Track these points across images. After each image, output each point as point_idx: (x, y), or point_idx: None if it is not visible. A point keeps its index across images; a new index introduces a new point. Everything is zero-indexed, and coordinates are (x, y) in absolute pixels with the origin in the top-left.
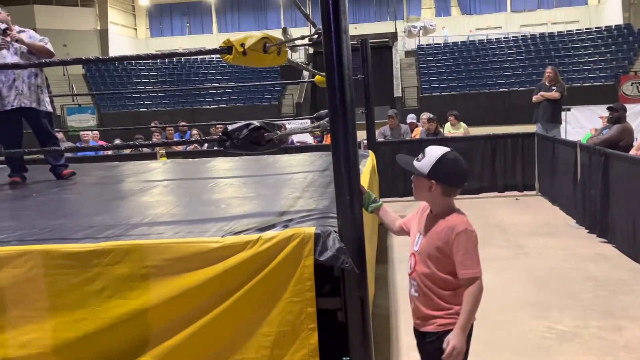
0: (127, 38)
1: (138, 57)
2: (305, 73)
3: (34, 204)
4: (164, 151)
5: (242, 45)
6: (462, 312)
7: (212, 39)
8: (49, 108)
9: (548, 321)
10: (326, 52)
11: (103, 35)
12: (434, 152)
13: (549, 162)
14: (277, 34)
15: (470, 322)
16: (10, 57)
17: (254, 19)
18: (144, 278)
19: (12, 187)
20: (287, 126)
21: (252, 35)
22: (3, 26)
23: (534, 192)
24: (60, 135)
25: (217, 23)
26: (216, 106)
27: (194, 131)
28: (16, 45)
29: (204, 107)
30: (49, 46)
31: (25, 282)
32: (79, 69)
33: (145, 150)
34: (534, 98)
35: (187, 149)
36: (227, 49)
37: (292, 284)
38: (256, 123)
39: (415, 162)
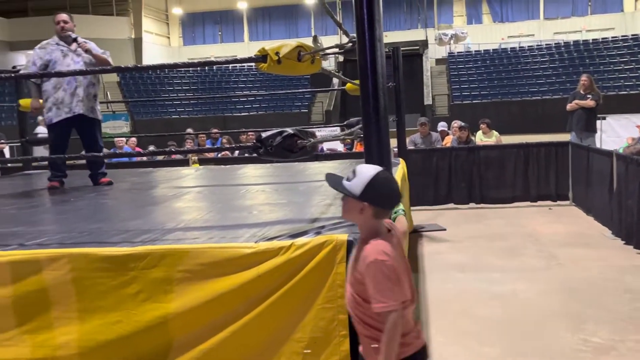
0: (160, 46)
1: (175, 65)
2: (335, 81)
3: (72, 208)
4: (196, 158)
5: (277, 53)
6: (380, 350)
7: (243, 47)
8: (100, 117)
9: (583, 334)
10: (360, 60)
11: (137, 43)
12: (365, 172)
13: (584, 171)
14: (307, 42)
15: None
16: (74, 66)
17: (285, 28)
18: (179, 282)
19: (51, 192)
20: (317, 134)
21: (286, 44)
22: (74, 35)
23: (567, 202)
24: None
25: (248, 31)
26: (247, 113)
27: (224, 139)
28: (82, 54)
29: (235, 114)
30: (110, 59)
31: (64, 284)
32: (113, 77)
33: (177, 156)
34: (569, 106)
35: (219, 155)
36: (262, 57)
37: (325, 290)
38: (289, 130)
39: (345, 182)
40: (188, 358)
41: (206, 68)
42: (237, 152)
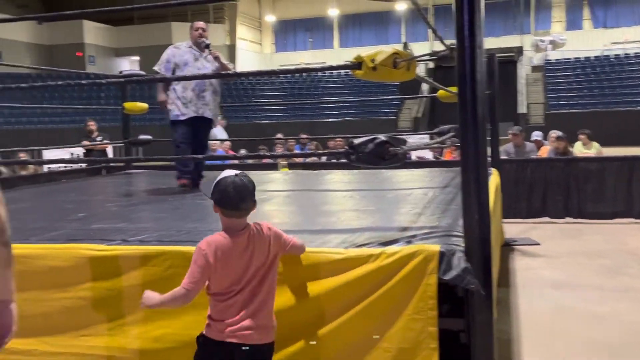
0: (253, 53)
1: (274, 72)
2: (425, 87)
3: (170, 207)
4: (285, 162)
5: (373, 60)
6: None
7: (333, 54)
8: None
9: None
10: (460, 67)
11: (231, 50)
12: (219, 176)
13: None
14: (397, 49)
15: (160, 305)
16: (203, 70)
17: (375, 34)
18: None
19: (154, 192)
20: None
21: (382, 51)
22: (207, 41)
23: None
24: None
25: (338, 38)
26: (334, 119)
27: (312, 144)
28: (211, 61)
29: (323, 120)
30: (232, 70)
31: (163, 280)
32: None
33: (267, 160)
34: None
35: (307, 160)
36: (357, 64)
37: (414, 301)
38: (382, 137)
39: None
40: (277, 359)
41: (296, 74)
42: (324, 157)
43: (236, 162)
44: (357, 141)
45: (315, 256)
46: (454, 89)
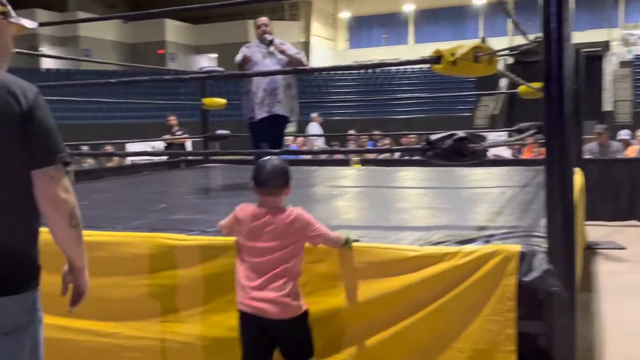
0: (327, 49)
1: (350, 67)
2: (502, 84)
3: (245, 200)
4: (358, 158)
5: (453, 54)
6: None
7: (408, 50)
8: (297, 116)
9: None
10: (546, 61)
11: (306, 47)
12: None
13: None
14: None
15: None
16: (272, 67)
17: (451, 29)
18: (343, 278)
19: (228, 187)
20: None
21: (463, 45)
22: (270, 37)
23: None
24: None
25: (413, 34)
26: (408, 116)
27: (386, 140)
28: (279, 56)
29: (395, 117)
30: (304, 59)
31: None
32: None
33: (340, 156)
34: None
35: (379, 157)
36: (436, 58)
37: (492, 302)
38: (461, 133)
39: None
40: (350, 354)
41: (369, 70)
42: (397, 153)
43: (309, 157)
44: (434, 137)
45: (389, 253)
46: (537, 85)
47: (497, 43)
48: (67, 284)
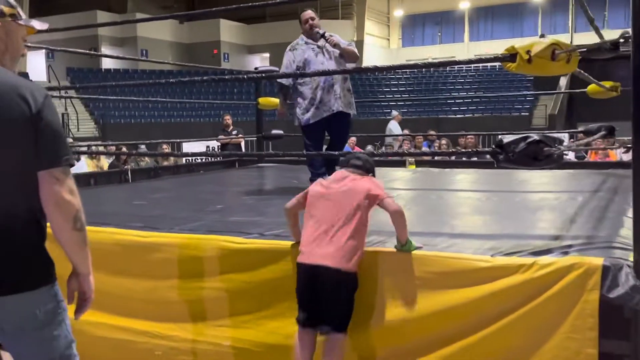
0: (380, 48)
1: (416, 66)
2: (562, 83)
3: None
4: (413, 159)
5: (528, 52)
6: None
7: (463, 48)
8: (354, 110)
9: None
10: (635, 58)
11: (359, 45)
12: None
13: None
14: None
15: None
16: (327, 63)
17: (509, 26)
18: (407, 288)
19: (284, 189)
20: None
21: (539, 42)
22: (322, 30)
23: None
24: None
25: (469, 32)
26: (462, 116)
27: (443, 141)
28: (331, 49)
29: (450, 116)
30: (355, 49)
31: (294, 277)
32: None
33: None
34: None
35: (435, 158)
36: (509, 56)
37: (571, 318)
38: (535, 136)
39: None
40: None
41: (423, 69)
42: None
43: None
44: (506, 140)
45: (458, 263)
46: (608, 84)
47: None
48: (73, 291)
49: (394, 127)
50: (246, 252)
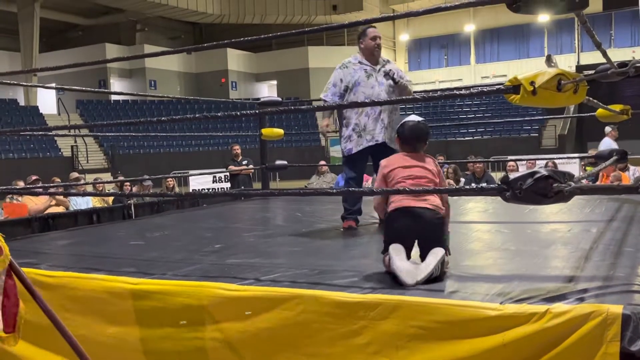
0: None
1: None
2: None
3: (304, 238)
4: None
5: (532, 83)
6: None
7: (469, 70)
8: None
9: None
10: None
11: None
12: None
13: None
14: (539, 62)
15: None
16: (378, 87)
17: (514, 48)
18: (411, 338)
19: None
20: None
21: (543, 72)
22: (387, 68)
23: None
24: (325, 168)
25: (475, 54)
26: (470, 138)
27: (450, 168)
28: (383, 75)
29: (458, 139)
30: (411, 86)
31: (294, 326)
32: None
33: None
34: None
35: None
36: (512, 88)
37: None
38: (543, 172)
39: None
40: None
41: (431, 92)
42: (462, 181)
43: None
44: (512, 176)
45: (466, 310)
46: (617, 107)
47: (564, 60)
48: None
49: (608, 144)
50: (240, 300)
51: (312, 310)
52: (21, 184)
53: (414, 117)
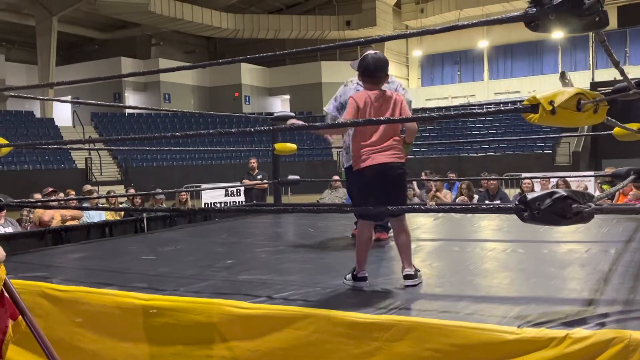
0: None
1: (445, 116)
2: None
3: (315, 255)
4: (434, 203)
5: (551, 102)
6: None
7: (482, 86)
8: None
9: None
10: None
11: None
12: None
13: None
14: (553, 79)
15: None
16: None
17: (528, 64)
18: None
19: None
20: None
21: (562, 92)
22: (396, 82)
23: None
24: (337, 183)
25: (488, 70)
26: (484, 154)
27: (463, 185)
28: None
29: (471, 154)
30: (415, 126)
31: (306, 346)
32: None
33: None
34: None
35: (456, 200)
36: (531, 107)
37: None
38: (562, 192)
39: None
40: None
41: (443, 107)
42: (476, 197)
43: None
44: (530, 196)
45: (483, 334)
46: (635, 126)
47: (578, 77)
48: None
49: None
50: (252, 319)
51: (324, 330)
52: (38, 197)
53: (369, 51)
